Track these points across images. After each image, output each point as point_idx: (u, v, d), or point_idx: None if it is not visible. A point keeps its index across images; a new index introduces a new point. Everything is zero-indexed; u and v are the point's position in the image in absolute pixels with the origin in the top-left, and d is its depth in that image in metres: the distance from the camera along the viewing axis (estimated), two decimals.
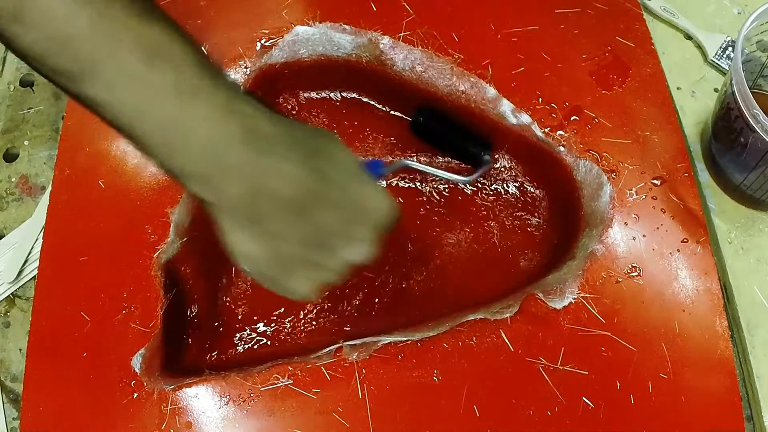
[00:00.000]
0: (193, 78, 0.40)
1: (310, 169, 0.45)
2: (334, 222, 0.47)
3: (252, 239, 0.46)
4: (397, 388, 0.64)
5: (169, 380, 0.64)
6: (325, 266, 0.49)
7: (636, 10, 0.81)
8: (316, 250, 0.48)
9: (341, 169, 0.47)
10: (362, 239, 0.49)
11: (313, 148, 0.46)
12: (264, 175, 0.43)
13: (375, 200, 0.49)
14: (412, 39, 0.77)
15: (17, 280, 0.78)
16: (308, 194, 0.45)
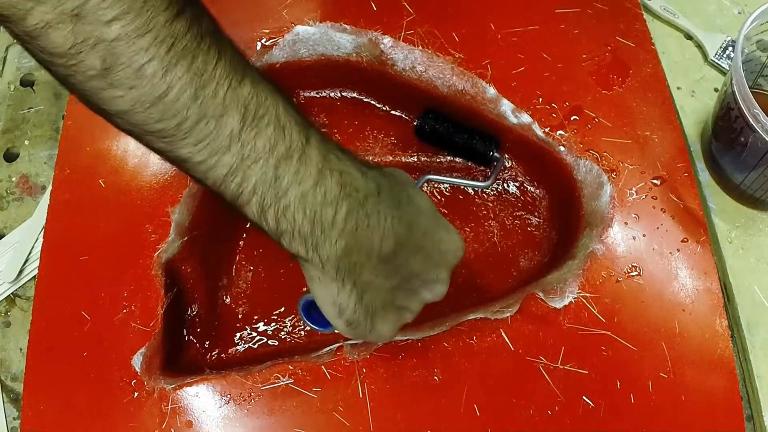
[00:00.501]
0: (290, 138, 0.41)
1: (400, 219, 0.46)
2: (418, 267, 0.50)
3: (344, 290, 0.46)
4: (397, 388, 0.64)
5: (169, 379, 0.64)
6: (408, 308, 0.52)
7: (636, 10, 0.81)
8: (401, 294, 0.50)
9: (422, 215, 0.49)
10: (440, 280, 0.52)
11: (398, 197, 0.47)
12: (360, 230, 0.44)
13: (450, 240, 0.52)
14: (413, 39, 0.78)
15: (17, 280, 0.78)
16: (400, 243, 0.47)
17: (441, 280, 0.52)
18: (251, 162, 0.40)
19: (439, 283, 0.52)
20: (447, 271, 0.53)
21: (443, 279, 0.52)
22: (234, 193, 0.41)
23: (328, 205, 0.42)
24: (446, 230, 0.52)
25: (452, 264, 0.53)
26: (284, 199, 0.41)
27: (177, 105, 0.37)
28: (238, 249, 0.77)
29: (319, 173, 0.42)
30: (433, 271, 0.51)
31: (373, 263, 0.46)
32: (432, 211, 0.51)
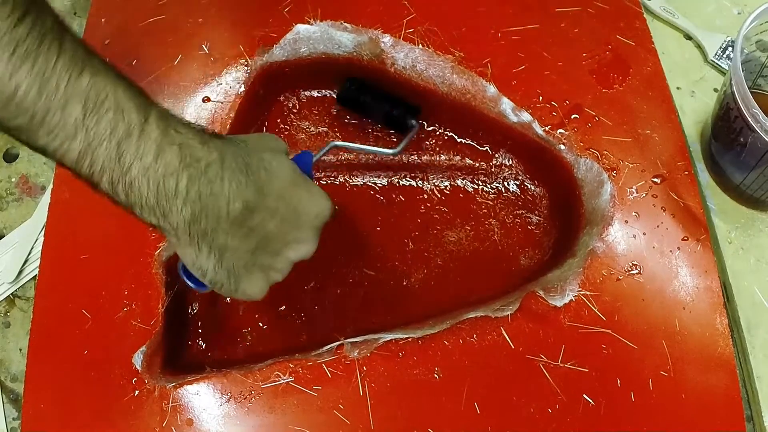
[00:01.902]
0: (129, 119, 0.44)
1: (246, 184, 0.49)
2: (276, 229, 0.51)
3: (202, 254, 0.50)
4: (398, 386, 0.64)
5: (170, 377, 0.64)
6: (272, 268, 0.54)
7: (636, 9, 0.82)
8: (262, 255, 0.52)
9: (276, 179, 0.51)
10: (304, 240, 0.54)
11: (246, 163, 0.50)
12: (204, 197, 0.47)
13: (311, 203, 0.54)
14: (413, 37, 0.78)
15: (17, 280, 0.78)
16: (247, 208, 0.49)
17: (305, 240, 0.54)
18: (96, 145, 0.43)
19: (303, 243, 0.54)
20: (311, 231, 0.54)
21: (307, 239, 0.54)
22: (87, 173, 0.44)
23: (169, 176, 0.45)
24: (308, 192, 0.54)
25: (316, 225, 0.54)
26: (128, 174, 0.44)
27: (26, 103, 0.41)
28: None
29: (158, 148, 0.45)
30: (293, 232, 0.53)
31: (225, 227, 0.49)
32: (290, 175, 0.53)
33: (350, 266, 0.76)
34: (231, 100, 0.76)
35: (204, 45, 0.78)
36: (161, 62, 0.78)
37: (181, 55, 0.78)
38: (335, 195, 0.78)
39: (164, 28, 0.79)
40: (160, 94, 0.76)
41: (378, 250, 0.77)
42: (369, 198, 0.80)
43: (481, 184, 0.80)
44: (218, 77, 0.77)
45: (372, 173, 0.81)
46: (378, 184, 0.80)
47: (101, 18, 0.80)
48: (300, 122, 0.82)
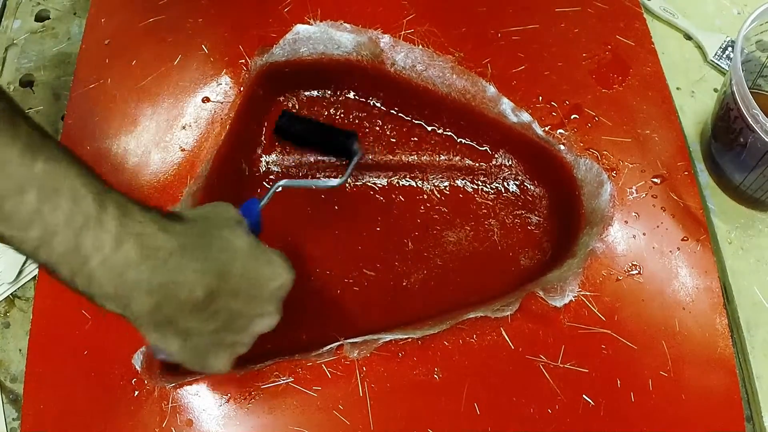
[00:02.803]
0: (85, 208, 0.43)
1: (208, 271, 0.48)
2: (240, 307, 0.51)
3: (166, 338, 0.49)
4: (397, 386, 0.64)
5: (170, 378, 0.64)
6: (237, 343, 0.54)
7: (636, 9, 0.82)
8: (227, 334, 0.52)
9: (236, 259, 0.51)
10: (268, 313, 0.54)
11: (207, 245, 0.49)
12: (165, 286, 0.46)
13: (273, 276, 0.54)
14: (413, 37, 0.78)
15: (17, 281, 0.78)
16: (209, 294, 0.49)
17: (269, 313, 0.54)
18: (53, 235, 0.42)
19: (267, 316, 0.54)
20: (274, 303, 0.54)
21: (270, 312, 0.54)
22: (46, 263, 0.44)
23: (129, 268, 0.44)
24: (268, 265, 0.53)
25: (278, 296, 0.54)
26: (86, 266, 0.43)
27: None
28: None
29: (116, 240, 0.44)
30: (257, 307, 0.53)
31: (187, 313, 0.48)
32: (250, 250, 0.52)
33: (350, 266, 0.76)
34: (231, 100, 0.76)
35: (204, 45, 0.78)
36: (161, 62, 0.78)
37: (181, 55, 0.78)
38: (336, 195, 0.79)
39: (164, 28, 0.79)
40: (160, 94, 0.76)
41: (378, 251, 0.77)
42: (369, 198, 0.80)
43: (480, 185, 0.80)
44: (218, 77, 0.77)
45: (372, 173, 0.81)
46: (378, 184, 0.80)
47: (101, 18, 0.80)
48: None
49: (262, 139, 0.81)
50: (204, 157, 0.73)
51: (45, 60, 0.89)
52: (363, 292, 0.75)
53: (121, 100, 0.76)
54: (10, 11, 0.92)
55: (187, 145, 0.74)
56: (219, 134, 0.74)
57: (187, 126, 0.74)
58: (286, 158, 0.81)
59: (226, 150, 0.74)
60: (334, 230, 0.78)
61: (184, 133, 0.74)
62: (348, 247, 0.78)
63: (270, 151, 0.81)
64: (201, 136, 0.74)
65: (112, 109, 0.75)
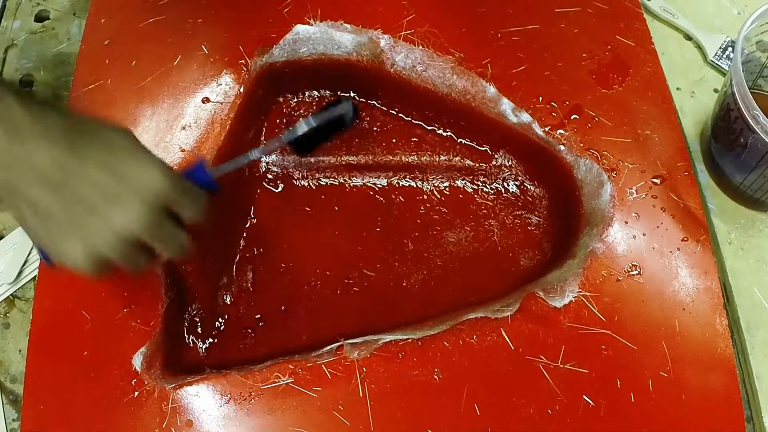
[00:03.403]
0: None
1: (62, 147, 0.51)
2: (97, 197, 0.51)
3: (21, 212, 0.52)
4: (397, 387, 0.64)
5: (169, 379, 0.64)
6: (92, 234, 0.52)
7: (636, 9, 0.82)
8: (79, 218, 0.52)
9: (100, 146, 0.52)
10: (126, 210, 0.52)
11: (70, 130, 0.52)
12: (18, 156, 0.49)
13: (142, 176, 0.53)
14: (413, 38, 0.78)
15: (17, 281, 0.78)
16: (61, 168, 0.50)
17: (127, 210, 0.52)
18: None
19: (126, 213, 0.52)
20: (135, 201, 0.52)
21: (129, 209, 0.52)
22: None
23: None
24: (137, 161, 0.53)
25: (144, 197, 0.53)
26: None
27: None
28: (239, 248, 0.77)
29: None
30: (117, 203, 0.52)
31: (38, 186, 0.50)
32: (118, 144, 0.53)
33: (350, 267, 0.76)
34: (230, 100, 0.76)
35: (204, 45, 0.78)
36: (161, 62, 0.78)
37: (181, 55, 0.78)
38: (335, 195, 0.79)
39: (164, 28, 0.79)
40: (159, 94, 0.76)
41: (378, 251, 0.77)
42: (369, 198, 0.80)
43: (480, 185, 0.80)
44: (218, 78, 0.77)
45: (372, 174, 0.81)
46: (378, 185, 0.80)
47: (101, 18, 0.80)
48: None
49: (262, 139, 0.81)
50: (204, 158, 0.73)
51: (45, 60, 0.89)
52: (363, 292, 0.75)
53: (121, 100, 0.76)
54: (10, 12, 0.92)
55: (187, 146, 0.74)
56: (219, 134, 0.74)
57: (187, 126, 0.74)
58: (286, 158, 0.81)
59: (226, 150, 0.74)
60: (334, 230, 0.78)
61: (184, 133, 0.74)
62: (348, 247, 0.78)
63: (270, 152, 0.81)
64: (201, 136, 0.74)
65: (111, 109, 0.75)
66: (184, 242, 0.57)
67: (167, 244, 0.56)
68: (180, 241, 0.57)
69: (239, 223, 0.78)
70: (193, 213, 0.56)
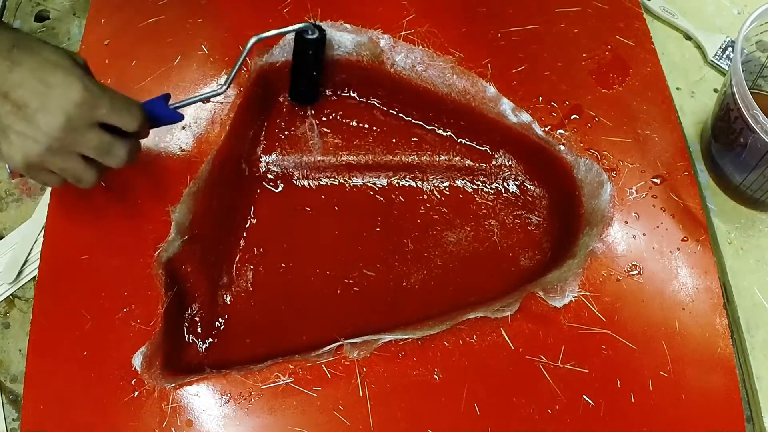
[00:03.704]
0: None
1: (5, 59, 0.55)
2: (26, 98, 0.55)
3: None
4: (397, 387, 0.64)
5: (169, 378, 0.64)
6: (26, 134, 0.56)
7: (636, 9, 0.82)
8: (13, 118, 0.55)
9: (39, 61, 0.56)
10: (50, 112, 0.55)
11: (9, 40, 0.55)
12: None
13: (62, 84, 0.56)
14: (413, 38, 0.78)
15: (16, 281, 0.78)
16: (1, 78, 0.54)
17: (51, 112, 0.55)
18: None
19: (50, 115, 0.55)
20: (59, 112, 0.56)
21: (54, 112, 0.55)
22: None
23: None
24: (63, 77, 0.56)
25: (65, 106, 0.56)
26: None
27: None
28: (239, 248, 0.77)
29: None
30: (41, 108, 0.55)
31: None
32: (57, 64, 0.56)
33: (350, 267, 0.76)
34: (230, 100, 0.76)
35: (204, 45, 0.78)
36: (161, 62, 0.77)
37: (181, 55, 0.78)
38: (335, 195, 0.79)
39: (164, 28, 0.79)
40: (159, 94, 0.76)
41: (378, 251, 0.77)
42: (369, 198, 0.80)
43: (480, 185, 0.80)
44: (218, 78, 0.77)
45: (372, 173, 0.81)
46: (378, 185, 0.80)
47: (101, 18, 0.80)
48: (301, 123, 0.82)
49: (262, 139, 0.81)
50: (204, 157, 0.73)
51: None
52: (363, 292, 0.75)
53: None
54: (10, 11, 0.92)
55: (187, 145, 0.73)
56: (219, 134, 0.74)
57: (187, 126, 0.74)
58: (286, 158, 0.81)
59: (226, 150, 0.74)
60: (334, 230, 0.78)
61: (184, 133, 0.74)
62: (348, 247, 0.78)
63: (270, 151, 0.81)
64: (201, 136, 0.74)
65: None
66: (121, 151, 0.59)
67: (101, 153, 0.59)
68: (116, 150, 0.59)
69: (239, 223, 0.78)
70: (125, 121, 0.59)
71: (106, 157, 0.59)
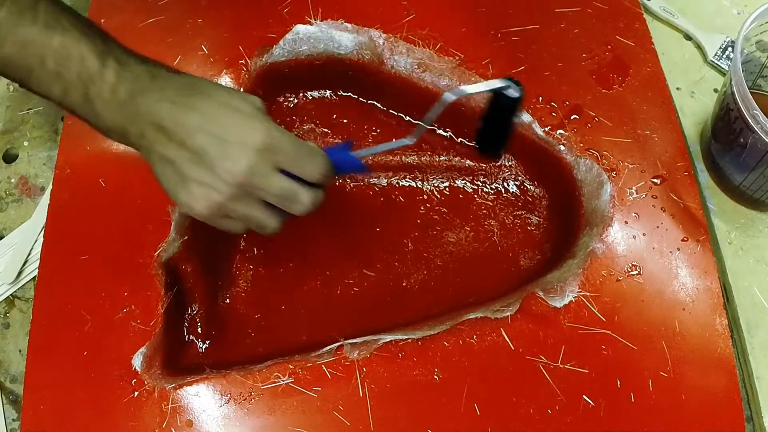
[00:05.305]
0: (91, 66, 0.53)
1: (177, 104, 0.54)
2: (204, 144, 0.54)
3: (156, 164, 0.56)
4: (397, 387, 0.64)
5: (169, 378, 0.64)
6: (209, 185, 0.55)
7: (635, 9, 0.82)
8: (194, 168, 0.54)
9: (213, 103, 0.55)
10: (232, 157, 0.54)
11: (186, 85, 0.56)
12: (145, 116, 0.54)
13: (245, 125, 0.55)
14: (413, 38, 0.78)
15: (16, 281, 0.78)
16: (179, 122, 0.54)
17: (233, 157, 0.54)
18: (69, 88, 0.54)
19: (231, 159, 0.54)
20: (239, 151, 0.54)
21: (236, 157, 0.54)
22: (69, 108, 0.55)
23: (123, 107, 0.54)
24: (245, 119, 0.55)
25: (248, 146, 0.54)
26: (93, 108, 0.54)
27: (15, 63, 0.53)
28: (239, 248, 0.77)
29: (111, 88, 0.54)
30: (222, 148, 0.54)
31: (158, 137, 0.54)
32: (235, 107, 0.55)
33: (350, 267, 0.76)
34: None
35: (204, 45, 0.78)
36: None
37: (181, 55, 0.78)
38: (335, 195, 0.79)
39: (164, 28, 0.79)
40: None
41: (377, 251, 0.77)
42: (369, 198, 0.80)
43: (480, 185, 0.80)
44: (218, 77, 0.77)
45: (372, 173, 0.81)
46: (378, 185, 0.80)
47: (101, 18, 0.80)
48: (300, 123, 0.82)
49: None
50: None
51: None
52: (363, 292, 0.75)
53: None
54: None
55: None
56: None
57: None
58: None
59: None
60: (334, 230, 0.78)
61: None
62: (348, 247, 0.78)
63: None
64: None
65: None
66: (304, 198, 0.57)
67: (284, 200, 0.57)
68: (300, 198, 0.57)
69: None
70: (307, 171, 0.57)
71: (289, 204, 0.57)
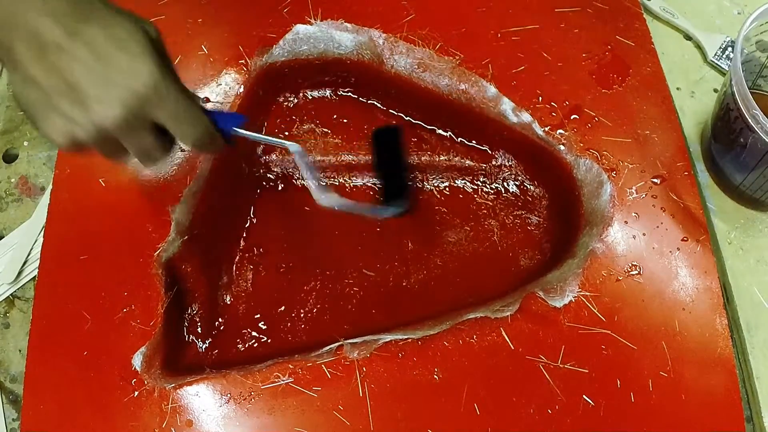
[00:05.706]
0: None
1: (62, 25, 0.49)
2: (81, 78, 0.49)
3: (17, 81, 0.51)
4: (397, 387, 0.64)
5: (169, 378, 0.64)
6: (72, 119, 0.51)
7: (635, 9, 0.82)
8: (61, 100, 0.50)
9: (102, 34, 0.50)
10: (105, 102, 0.50)
11: (80, 11, 0.49)
12: (18, 25, 0.48)
13: (129, 68, 0.50)
14: (413, 38, 0.78)
15: (16, 281, 0.78)
16: (55, 46, 0.49)
17: (106, 102, 0.50)
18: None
19: (104, 105, 0.50)
20: (116, 98, 0.50)
21: (109, 103, 0.50)
22: None
23: None
24: (130, 57, 0.50)
25: (123, 95, 0.50)
26: None
27: None
28: (239, 248, 0.77)
29: None
30: (97, 89, 0.50)
31: (30, 54, 0.49)
32: (120, 36, 0.50)
33: (350, 267, 0.76)
34: (231, 100, 0.76)
35: (204, 45, 0.78)
36: None
37: (181, 55, 0.78)
38: None
39: (164, 28, 0.79)
40: None
41: (377, 251, 0.77)
42: (369, 198, 0.80)
43: (480, 185, 0.80)
44: (218, 78, 0.77)
45: (372, 173, 0.81)
46: (378, 185, 0.80)
47: None
48: (300, 123, 0.82)
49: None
50: (204, 158, 0.73)
51: None
52: (363, 292, 0.75)
53: None
54: None
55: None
56: None
57: None
58: (286, 159, 0.81)
59: (226, 150, 0.74)
60: (334, 230, 0.78)
61: None
62: (348, 246, 0.78)
63: (270, 152, 0.81)
64: None
65: None
66: (156, 156, 0.55)
67: (139, 151, 0.55)
68: (152, 154, 0.55)
69: (239, 223, 0.78)
70: (183, 134, 0.55)
71: (144, 160, 0.55)
